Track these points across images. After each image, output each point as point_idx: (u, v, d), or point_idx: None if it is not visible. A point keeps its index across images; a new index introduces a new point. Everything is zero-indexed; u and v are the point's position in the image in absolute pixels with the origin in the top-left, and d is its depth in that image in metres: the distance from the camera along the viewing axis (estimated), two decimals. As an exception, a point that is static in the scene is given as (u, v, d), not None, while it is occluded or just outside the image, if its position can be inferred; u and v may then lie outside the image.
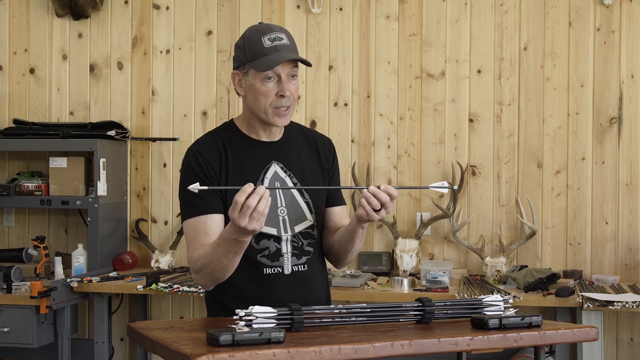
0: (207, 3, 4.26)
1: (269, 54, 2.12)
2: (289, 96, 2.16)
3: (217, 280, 2.12)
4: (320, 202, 2.30)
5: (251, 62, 2.14)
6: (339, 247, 2.28)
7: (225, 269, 2.07)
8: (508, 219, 4.00)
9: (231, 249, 2.01)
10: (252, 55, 2.14)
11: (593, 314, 3.33)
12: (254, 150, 2.24)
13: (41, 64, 4.41)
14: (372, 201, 2.05)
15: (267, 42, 2.13)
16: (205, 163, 2.19)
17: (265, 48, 2.12)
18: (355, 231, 2.19)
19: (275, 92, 2.14)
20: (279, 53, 2.12)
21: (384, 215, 2.09)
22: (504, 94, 4.01)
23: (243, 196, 1.88)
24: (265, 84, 2.14)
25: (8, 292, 3.65)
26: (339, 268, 2.40)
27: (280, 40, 2.14)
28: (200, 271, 2.10)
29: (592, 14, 3.93)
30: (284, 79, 2.14)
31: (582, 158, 3.94)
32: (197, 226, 2.15)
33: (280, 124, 2.20)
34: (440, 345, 1.76)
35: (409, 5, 4.08)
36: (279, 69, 2.13)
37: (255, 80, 2.15)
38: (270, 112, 2.16)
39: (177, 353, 1.65)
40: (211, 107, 4.25)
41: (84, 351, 4.07)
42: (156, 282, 3.63)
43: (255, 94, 2.16)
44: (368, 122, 4.12)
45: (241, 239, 1.98)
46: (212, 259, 2.05)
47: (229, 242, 1.99)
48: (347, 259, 2.31)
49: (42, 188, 4.06)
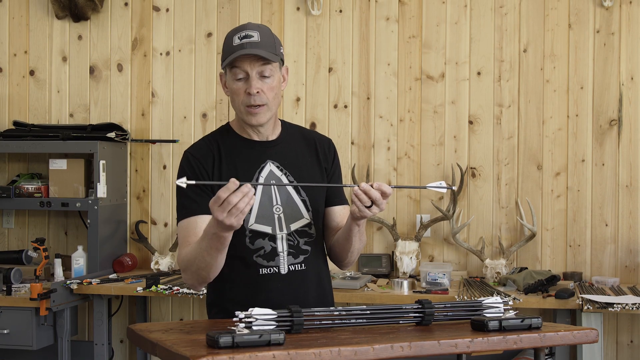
0: (207, 5, 4.26)
1: (234, 51, 2.14)
2: (258, 94, 2.15)
3: (202, 280, 2.11)
4: (318, 201, 2.29)
5: (223, 61, 2.18)
6: (338, 246, 2.28)
7: (209, 266, 2.05)
8: (508, 220, 4.00)
9: (212, 245, 1.99)
10: (224, 55, 2.19)
11: (593, 315, 3.33)
12: (248, 150, 2.25)
13: (41, 65, 4.41)
14: (362, 198, 2.04)
15: (236, 41, 2.15)
16: (198, 166, 2.21)
17: (233, 46, 2.15)
18: (350, 229, 2.17)
19: (244, 90, 2.16)
20: (243, 49, 2.12)
21: (377, 212, 2.06)
22: (504, 96, 4.01)
23: (226, 193, 1.86)
24: (236, 82, 2.16)
25: (8, 294, 3.65)
26: (342, 269, 2.39)
27: (250, 38, 2.14)
28: (186, 269, 2.11)
29: (591, 15, 3.93)
30: (252, 77, 2.14)
31: (581, 160, 3.94)
32: (188, 226, 2.16)
33: (254, 123, 2.19)
34: (440, 347, 1.76)
35: (408, 7, 4.08)
36: (246, 66, 2.14)
37: (229, 80, 2.19)
38: (243, 111, 2.19)
39: (177, 355, 1.65)
40: (211, 109, 4.26)
41: (83, 353, 4.07)
42: (156, 284, 3.63)
43: (231, 94, 2.20)
44: (368, 124, 4.12)
45: (220, 234, 1.95)
46: (195, 256, 2.05)
47: (210, 236, 1.98)
48: (347, 259, 2.29)
49: (42, 190, 4.07)
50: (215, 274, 2.10)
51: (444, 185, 2.10)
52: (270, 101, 2.18)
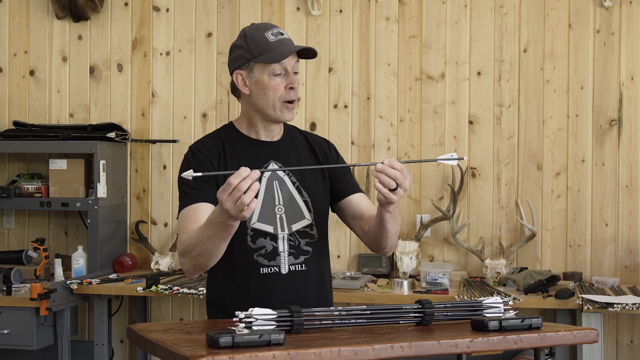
0: (207, 5, 4.26)
1: (276, 47, 2.15)
2: (297, 89, 2.19)
3: (200, 267, 2.08)
4: (320, 202, 2.29)
5: (258, 57, 2.16)
6: (374, 235, 2.22)
7: (209, 253, 2.02)
8: (508, 220, 4.00)
9: (217, 233, 1.96)
10: (258, 51, 2.16)
11: (593, 315, 3.33)
12: (252, 150, 2.25)
13: (41, 66, 4.41)
14: (383, 180, 1.99)
15: (271, 37, 2.16)
16: (204, 159, 2.21)
17: (270, 42, 2.16)
18: (383, 217, 2.12)
19: (283, 85, 2.18)
20: (287, 46, 2.16)
21: (402, 194, 2.02)
22: (504, 96, 4.01)
23: (238, 179, 1.83)
24: (273, 78, 2.17)
25: (8, 294, 3.65)
26: (385, 254, 2.33)
27: (283, 35, 2.19)
28: (185, 254, 2.08)
29: (591, 15, 3.93)
30: (290, 72, 2.18)
31: (582, 160, 3.94)
32: (189, 214, 2.14)
33: (288, 118, 2.22)
34: (440, 347, 1.76)
35: (408, 7, 4.08)
36: (287, 62, 2.17)
37: (262, 76, 2.17)
38: (279, 106, 2.19)
39: (177, 355, 1.64)
40: (211, 109, 4.26)
41: (83, 353, 4.07)
42: (156, 284, 3.63)
43: (263, 89, 2.18)
44: (368, 124, 4.12)
45: (229, 222, 1.92)
46: (197, 241, 2.02)
47: (216, 224, 1.95)
48: (388, 244, 2.23)
49: (42, 190, 4.07)
50: (213, 263, 2.07)
51: (455, 156, 2.09)
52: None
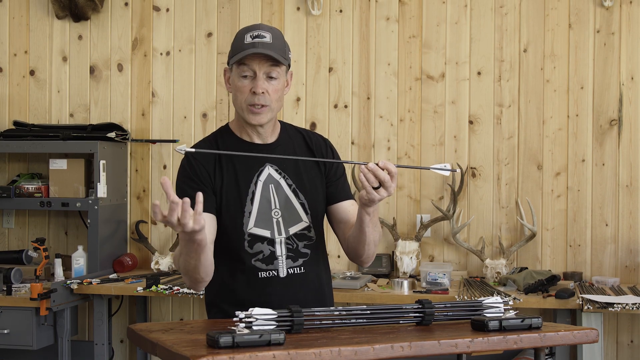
0: (207, 5, 4.26)
1: (246, 48, 2.14)
2: (262, 94, 2.15)
3: (197, 281, 2.09)
4: (317, 203, 2.28)
5: (232, 57, 2.18)
6: (353, 240, 2.22)
7: (196, 268, 2.02)
8: (508, 220, 4.00)
9: (190, 248, 1.96)
10: (233, 51, 2.19)
11: (593, 315, 3.33)
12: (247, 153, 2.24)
13: (41, 65, 4.41)
14: (369, 177, 1.98)
15: (248, 39, 2.16)
16: (199, 166, 2.21)
17: (244, 44, 2.15)
18: (362, 219, 2.11)
19: (249, 88, 2.16)
20: (254, 48, 2.13)
21: (385, 196, 2.00)
22: (504, 96, 4.01)
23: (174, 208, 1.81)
24: (241, 80, 2.17)
25: (8, 294, 3.65)
26: (363, 266, 2.33)
27: (262, 38, 2.15)
28: (181, 272, 2.10)
29: (592, 15, 3.93)
30: (258, 76, 2.15)
31: (582, 160, 3.94)
32: None
33: (254, 122, 2.19)
34: (440, 347, 1.76)
35: (408, 7, 4.08)
36: (255, 66, 2.14)
37: (235, 76, 2.19)
38: (245, 109, 2.18)
39: (177, 355, 1.64)
40: (211, 109, 4.26)
41: (84, 353, 4.07)
42: (156, 283, 3.63)
43: (235, 90, 2.20)
44: (368, 124, 4.12)
45: (182, 236, 1.92)
46: (182, 260, 2.03)
47: (183, 241, 1.96)
48: (365, 253, 2.21)
49: (42, 190, 4.06)
50: (207, 274, 2.07)
51: (448, 167, 2.09)
52: (272, 103, 2.18)
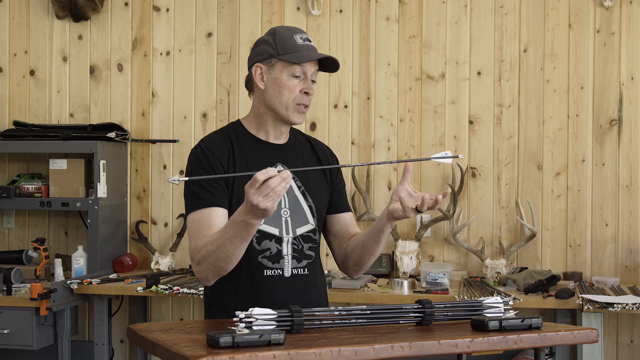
0: (207, 5, 4.26)
1: (302, 50, 2.19)
2: (311, 95, 2.23)
3: (219, 271, 2.08)
4: (322, 208, 2.31)
5: (282, 55, 2.19)
6: (361, 250, 2.24)
7: (229, 257, 2.02)
8: (508, 220, 4.00)
9: (238, 234, 1.96)
10: (284, 50, 2.19)
11: (593, 315, 3.33)
12: (260, 151, 2.26)
13: (41, 65, 4.41)
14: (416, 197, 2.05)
15: (299, 40, 2.21)
16: (213, 158, 2.20)
17: (298, 44, 2.20)
18: (383, 230, 2.15)
19: (299, 88, 2.20)
20: (312, 51, 2.21)
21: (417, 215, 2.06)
22: (504, 96, 4.01)
23: (265, 175, 1.84)
24: (292, 79, 2.20)
25: (8, 294, 3.65)
26: (354, 276, 2.36)
27: (310, 42, 2.24)
28: (202, 261, 2.07)
29: (592, 15, 3.93)
30: (309, 78, 2.22)
31: (582, 160, 3.94)
32: (202, 219, 2.13)
33: (298, 121, 2.24)
34: (440, 347, 1.76)
35: (409, 7, 4.08)
36: (308, 67, 2.21)
37: (282, 74, 2.20)
38: (292, 108, 2.21)
39: (177, 355, 1.65)
40: (211, 109, 4.26)
41: (84, 353, 4.07)
42: (156, 283, 3.63)
43: (279, 88, 2.20)
44: (368, 124, 4.12)
45: (250, 221, 1.92)
46: (217, 246, 2.01)
47: (237, 224, 1.95)
48: (369, 262, 2.27)
49: (42, 190, 4.06)
50: (232, 266, 2.06)
51: (450, 155, 2.10)
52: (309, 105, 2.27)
